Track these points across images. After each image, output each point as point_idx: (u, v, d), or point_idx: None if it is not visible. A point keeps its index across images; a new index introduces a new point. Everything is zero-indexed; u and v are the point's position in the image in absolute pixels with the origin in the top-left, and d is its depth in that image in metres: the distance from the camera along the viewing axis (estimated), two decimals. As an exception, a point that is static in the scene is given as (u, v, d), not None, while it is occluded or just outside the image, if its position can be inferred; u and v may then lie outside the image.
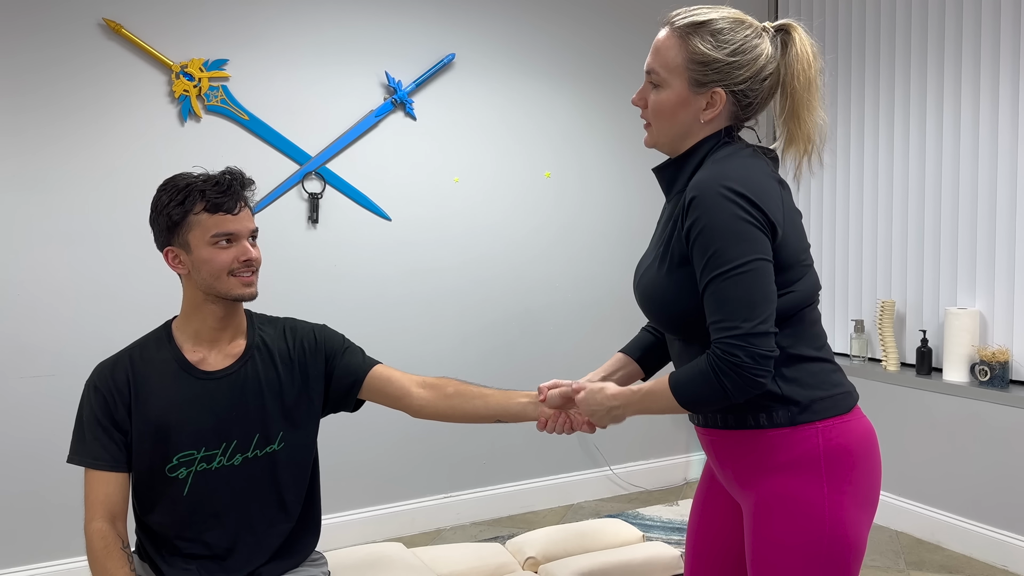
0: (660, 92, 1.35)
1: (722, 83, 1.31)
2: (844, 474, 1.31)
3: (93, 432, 1.54)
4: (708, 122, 1.34)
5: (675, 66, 1.32)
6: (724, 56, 1.30)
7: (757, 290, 1.22)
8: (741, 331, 1.21)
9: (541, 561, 2.15)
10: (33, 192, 2.74)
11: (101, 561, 1.48)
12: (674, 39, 1.33)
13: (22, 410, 2.74)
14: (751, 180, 1.27)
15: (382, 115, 3.21)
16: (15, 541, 2.75)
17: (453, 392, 1.66)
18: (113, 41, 2.81)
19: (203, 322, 1.59)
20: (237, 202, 1.55)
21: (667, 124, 1.36)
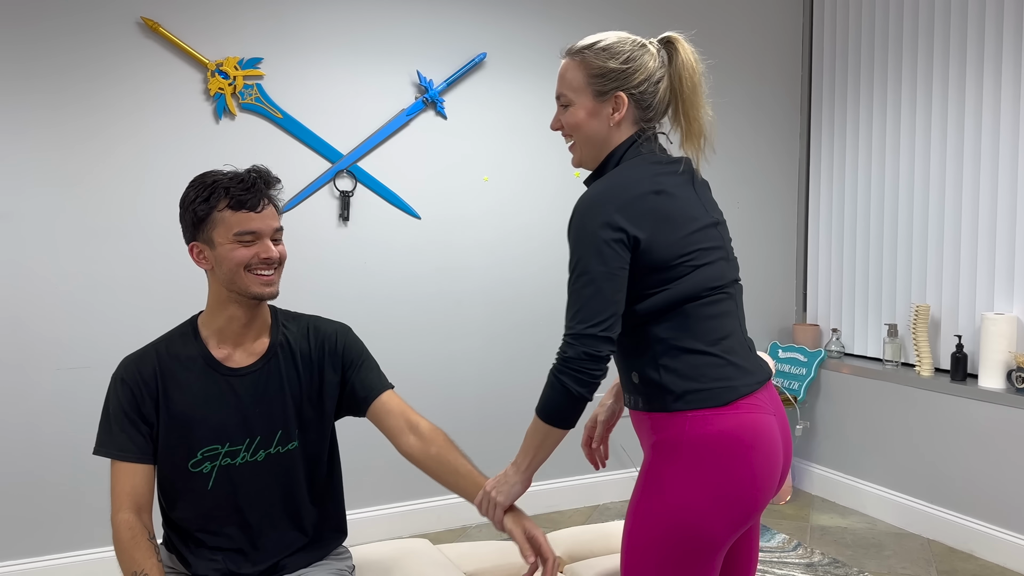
0: (571, 110, 1.52)
1: (621, 87, 1.48)
2: (701, 464, 1.38)
3: (120, 424, 1.56)
4: (617, 125, 1.50)
5: (578, 85, 1.50)
6: (618, 65, 1.48)
7: (594, 298, 1.38)
8: (575, 332, 1.39)
9: (566, 561, 2.15)
10: (71, 188, 2.79)
11: (128, 551, 1.50)
12: (573, 63, 1.51)
13: (58, 401, 2.80)
14: (617, 195, 1.41)
15: (413, 114, 3.23)
16: (51, 529, 2.80)
17: (435, 454, 1.64)
18: (151, 40, 2.86)
19: (228, 320, 1.61)
20: (260, 200, 1.55)
21: (584, 136, 1.52)
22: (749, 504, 1.39)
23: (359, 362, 1.70)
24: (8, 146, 2.71)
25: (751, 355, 1.48)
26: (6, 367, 2.74)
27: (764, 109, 3.91)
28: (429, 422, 1.67)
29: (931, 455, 3.23)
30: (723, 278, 1.46)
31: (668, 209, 1.43)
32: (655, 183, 1.44)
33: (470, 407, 3.41)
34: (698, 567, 1.39)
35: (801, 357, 3.79)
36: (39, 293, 2.77)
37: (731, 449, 1.38)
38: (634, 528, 1.43)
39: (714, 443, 1.38)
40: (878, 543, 3.22)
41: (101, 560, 2.84)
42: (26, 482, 2.77)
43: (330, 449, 1.73)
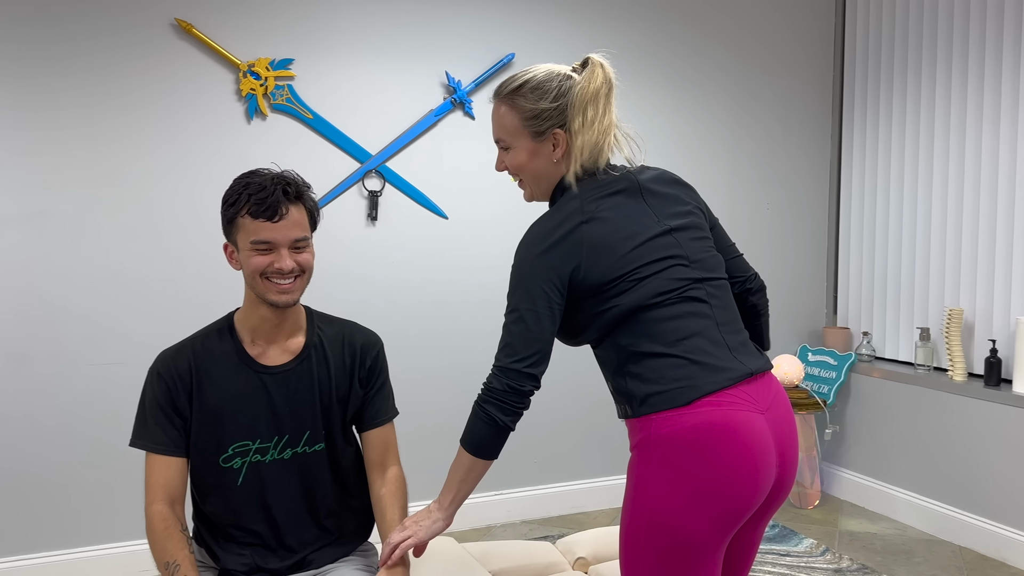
0: (512, 152, 1.54)
1: (557, 125, 1.50)
2: (669, 463, 1.39)
3: (155, 417, 1.59)
4: (560, 160, 1.52)
5: (514, 128, 1.52)
6: (548, 104, 1.49)
7: (521, 335, 1.44)
8: (501, 365, 1.45)
9: (591, 562, 2.14)
10: (105, 186, 2.84)
11: (161, 542, 1.52)
12: (505, 107, 1.53)
13: (92, 396, 2.85)
14: (548, 234, 1.45)
15: (441, 114, 3.25)
16: (84, 521, 2.86)
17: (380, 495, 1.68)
18: (184, 41, 2.90)
19: (260, 318, 1.63)
20: (278, 210, 1.53)
21: (530, 176, 1.54)
22: (728, 500, 1.37)
23: (378, 384, 1.73)
24: (44, 145, 2.77)
25: (726, 352, 1.45)
26: (42, 362, 2.79)
27: (795, 109, 3.88)
28: (398, 471, 1.72)
29: (963, 461, 3.18)
30: (678, 282, 1.47)
31: (599, 236, 1.46)
32: (584, 213, 1.47)
33: (496, 407, 3.41)
34: (689, 567, 1.39)
35: (831, 360, 3.75)
36: (74, 289, 2.82)
37: (697, 446, 1.38)
38: (624, 533, 1.45)
39: (677, 441, 1.39)
40: (908, 550, 3.17)
41: (133, 552, 2.89)
42: (60, 475, 2.82)
43: (357, 450, 1.75)
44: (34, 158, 2.76)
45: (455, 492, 1.53)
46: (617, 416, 1.61)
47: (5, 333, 2.75)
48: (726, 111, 3.73)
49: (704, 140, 3.70)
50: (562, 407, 3.52)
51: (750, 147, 3.81)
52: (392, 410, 1.74)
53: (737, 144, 3.77)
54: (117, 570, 2.87)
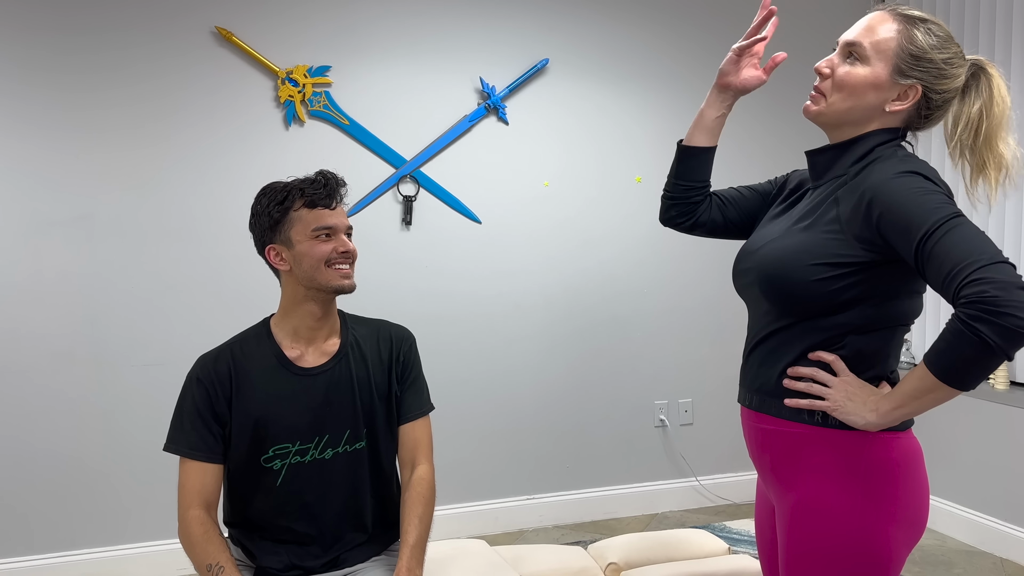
0: (857, 66, 1.32)
1: (923, 82, 1.30)
2: (883, 488, 1.29)
3: (192, 423, 1.61)
4: (890, 113, 1.32)
5: (886, 48, 1.30)
6: (938, 58, 1.30)
7: (974, 233, 1.16)
8: (977, 265, 1.10)
9: (623, 568, 2.14)
10: (147, 191, 2.91)
11: (202, 545, 1.55)
12: (895, 23, 1.31)
13: (131, 396, 2.91)
14: (932, 171, 1.28)
15: (475, 120, 3.27)
16: (123, 520, 2.91)
17: (404, 503, 1.67)
18: (224, 48, 2.96)
19: (301, 320, 1.66)
20: (333, 198, 1.64)
21: (849, 100, 1.33)
22: (922, 527, 1.34)
23: (412, 377, 1.75)
24: (89, 150, 2.84)
25: None
26: (83, 362, 2.86)
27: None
28: (425, 471, 1.69)
29: (1005, 471, 3.11)
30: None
31: None
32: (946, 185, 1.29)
33: (528, 410, 3.42)
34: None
35: (868, 368, 3.69)
36: (115, 291, 2.88)
37: (913, 473, 1.32)
38: (813, 559, 1.30)
39: (899, 467, 1.30)
40: (948, 560, 3.11)
41: (170, 551, 2.93)
42: (102, 474, 2.88)
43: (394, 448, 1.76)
44: (80, 163, 2.83)
45: (901, 404, 1.24)
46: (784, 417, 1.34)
47: (50, 333, 2.82)
48: (760, 115, 3.69)
49: (738, 144, 3.67)
50: (596, 412, 3.51)
51: (786, 150, 3.77)
52: (426, 405, 1.75)
53: (772, 148, 3.73)
54: (156, 568, 2.92)
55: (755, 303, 1.42)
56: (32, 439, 2.81)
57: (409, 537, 1.60)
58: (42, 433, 2.82)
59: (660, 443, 3.63)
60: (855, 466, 1.28)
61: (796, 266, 1.30)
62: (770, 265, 1.34)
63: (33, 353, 2.81)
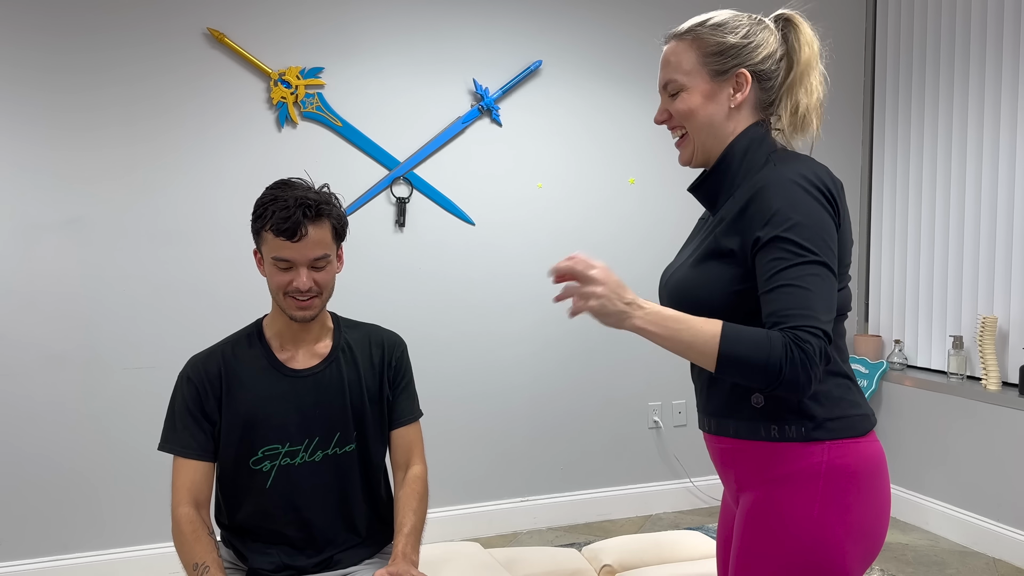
0: (683, 96, 1.34)
1: (743, 64, 1.32)
2: (840, 498, 1.26)
3: (184, 422, 1.62)
4: (738, 108, 1.33)
5: (691, 66, 1.33)
6: (738, 40, 1.31)
7: (829, 294, 1.20)
8: (820, 325, 1.17)
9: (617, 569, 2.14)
10: (139, 193, 2.90)
11: (190, 543, 1.54)
12: (682, 44, 1.34)
13: (125, 399, 2.90)
14: (826, 176, 1.27)
15: (469, 121, 3.26)
16: (115, 524, 2.90)
17: (399, 499, 1.67)
18: (216, 50, 2.95)
19: (286, 324, 1.66)
20: (297, 231, 1.54)
21: (700, 124, 1.34)
22: (880, 538, 1.31)
23: (403, 383, 1.75)
24: (81, 153, 2.83)
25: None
26: (75, 365, 2.84)
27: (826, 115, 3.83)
28: (420, 469, 1.70)
29: (998, 471, 3.12)
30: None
31: (844, 211, 1.30)
32: (833, 179, 1.28)
33: (521, 412, 3.42)
34: None
35: (863, 369, 3.70)
36: (108, 294, 2.87)
37: (873, 483, 1.28)
38: (760, 570, 1.28)
39: (858, 477, 1.27)
40: (941, 561, 3.12)
41: (162, 555, 2.92)
42: (93, 477, 2.87)
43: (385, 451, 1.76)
44: (72, 165, 2.82)
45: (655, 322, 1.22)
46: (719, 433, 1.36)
47: (41, 336, 2.81)
48: (755, 117, 3.70)
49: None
50: (589, 413, 3.52)
51: (779, 153, 3.78)
52: (417, 411, 1.76)
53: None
54: (147, 572, 2.91)
55: None
56: (24, 442, 2.80)
57: (404, 526, 1.61)
58: (34, 436, 2.81)
59: (654, 445, 3.63)
60: (813, 474, 1.26)
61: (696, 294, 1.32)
62: (678, 294, 1.37)
63: (25, 356, 2.79)
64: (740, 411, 1.32)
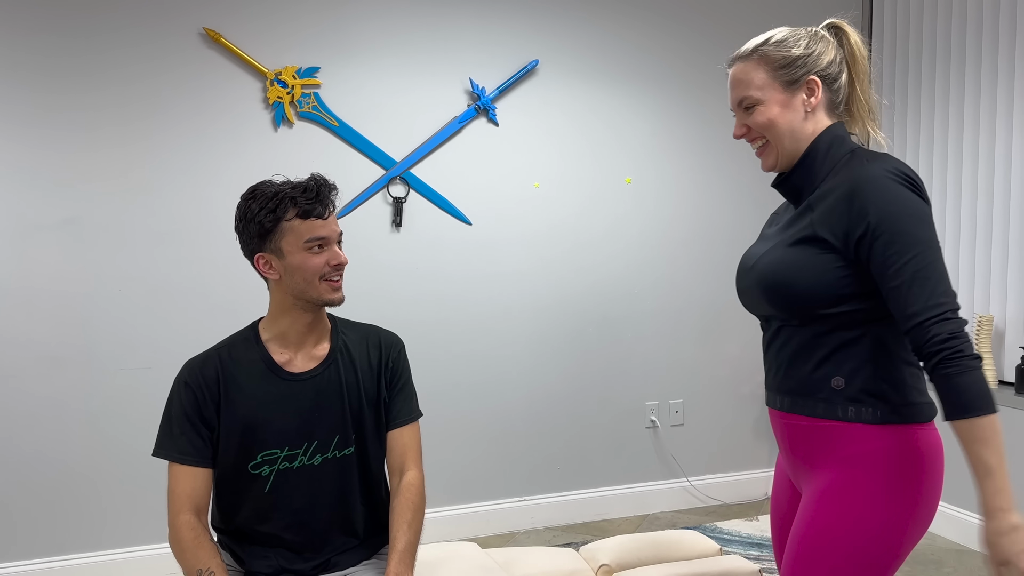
0: (759, 109, 1.44)
1: (812, 71, 1.42)
2: (908, 481, 1.34)
3: (181, 427, 1.60)
4: (813, 112, 1.43)
5: (763, 81, 1.43)
6: (801, 51, 1.42)
7: (944, 269, 1.28)
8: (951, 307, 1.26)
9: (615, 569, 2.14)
10: (136, 193, 2.89)
11: (193, 550, 1.53)
12: (750, 64, 1.45)
13: (120, 400, 2.89)
14: (908, 170, 1.34)
15: (465, 121, 3.26)
16: (110, 524, 2.90)
17: (393, 509, 1.65)
18: (212, 50, 2.95)
19: (290, 325, 1.64)
20: (327, 207, 1.60)
21: (780, 132, 1.44)
22: (929, 522, 1.37)
23: (400, 383, 1.73)
24: (77, 153, 2.82)
25: None
26: (72, 366, 2.84)
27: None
28: (414, 476, 1.68)
29: (994, 470, 3.13)
30: None
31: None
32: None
33: (519, 412, 3.42)
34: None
35: (858, 367, 3.70)
36: (104, 295, 2.87)
37: (935, 468, 1.35)
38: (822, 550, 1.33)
39: (925, 462, 1.34)
40: (937, 559, 3.12)
41: (158, 556, 2.92)
42: (90, 478, 2.87)
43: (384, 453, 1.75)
44: (68, 166, 2.81)
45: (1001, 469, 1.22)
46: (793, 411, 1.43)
47: (38, 338, 2.80)
48: (751, 116, 3.70)
49: (726, 145, 3.68)
50: (587, 413, 3.52)
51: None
52: (415, 411, 1.74)
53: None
54: (145, 573, 2.91)
55: (763, 314, 1.50)
56: (20, 443, 2.79)
57: (398, 543, 1.59)
58: (30, 438, 2.80)
59: (651, 444, 3.64)
60: (886, 456, 1.33)
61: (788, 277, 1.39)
62: (770, 274, 1.42)
63: (21, 357, 2.79)
64: (820, 391, 1.39)
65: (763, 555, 3.11)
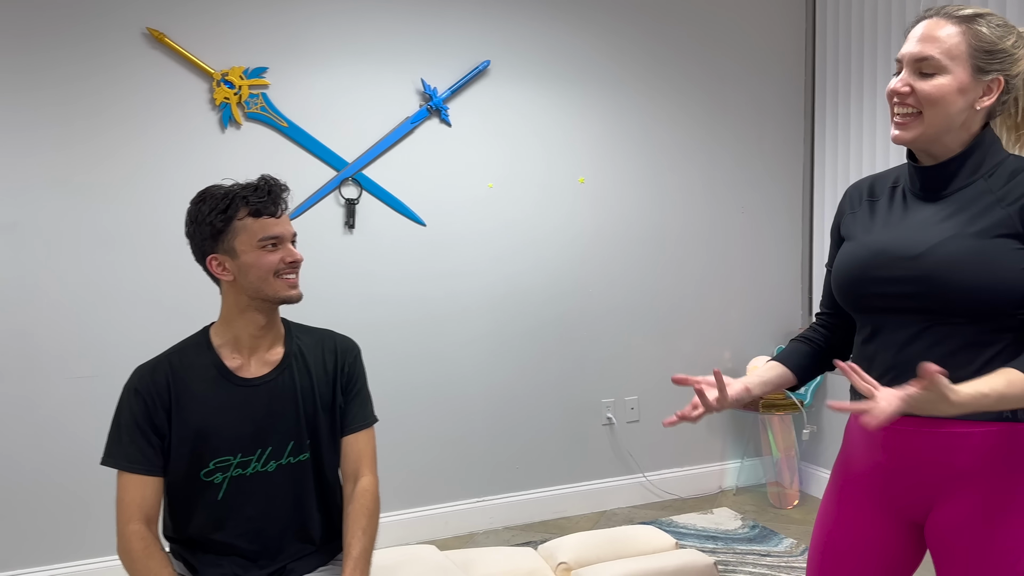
0: (938, 79, 1.31)
1: (1003, 72, 1.32)
2: None
3: (131, 435, 1.57)
4: (976, 112, 1.33)
5: (958, 53, 1.31)
6: (1008, 46, 1.32)
7: None
8: None
9: (573, 567, 2.15)
10: (79, 197, 2.82)
11: (143, 561, 1.50)
12: (957, 29, 1.31)
13: (66, 410, 2.81)
14: None
15: (417, 122, 3.25)
16: (56, 537, 2.82)
17: (347, 516, 1.64)
18: (156, 50, 2.88)
19: (244, 329, 1.62)
20: (279, 206, 1.59)
21: (943, 113, 1.32)
22: None
23: (356, 389, 1.72)
24: (14, 156, 2.74)
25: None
26: (14, 376, 2.75)
27: (768, 113, 3.92)
28: (368, 482, 1.66)
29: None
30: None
31: None
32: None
33: (476, 412, 3.42)
34: None
35: (807, 361, 3.78)
36: (47, 302, 2.79)
37: None
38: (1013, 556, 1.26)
39: None
40: (886, 547, 3.21)
41: (108, 569, 2.85)
42: (34, 490, 2.78)
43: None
44: (5, 170, 2.72)
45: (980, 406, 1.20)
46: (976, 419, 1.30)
47: (-23, 347, 2.71)
48: (699, 116, 3.76)
49: (678, 145, 3.73)
50: (544, 412, 3.53)
51: (724, 151, 3.84)
52: (370, 417, 1.73)
53: (711, 148, 3.80)
54: (94, 586, 2.84)
55: (905, 308, 1.36)
56: (-41, 457, 2.70)
57: (353, 550, 1.58)
58: (-30, 451, 2.71)
59: (607, 441, 3.67)
60: None
61: (993, 270, 1.28)
62: (962, 271, 1.29)
63: (-42, 368, 2.70)
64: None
65: (718, 548, 3.16)
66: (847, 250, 1.45)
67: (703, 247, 3.80)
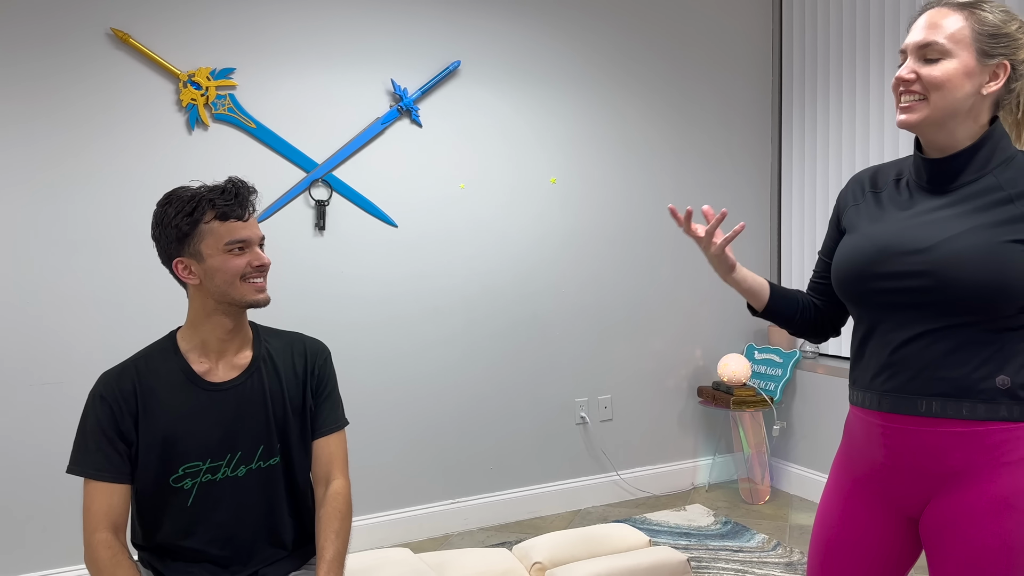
0: (942, 64, 1.32)
1: (1008, 57, 1.32)
2: None
3: (97, 443, 1.54)
4: (986, 96, 1.33)
5: (961, 37, 1.31)
6: (1012, 30, 1.32)
7: None
8: None
9: (548, 566, 2.15)
10: (42, 200, 2.76)
11: (110, 570, 1.48)
12: (960, 14, 1.33)
13: (31, 417, 2.76)
14: None
15: (388, 122, 3.23)
16: (21, 547, 2.76)
17: (319, 519, 1.63)
18: (121, 51, 2.84)
19: (211, 332, 1.60)
20: (246, 209, 1.57)
21: (949, 97, 1.32)
22: None
23: (327, 392, 1.71)
24: (-23, 160, 2.68)
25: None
26: (-23, 383, 2.70)
27: (736, 112, 3.95)
28: (340, 485, 1.65)
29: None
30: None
31: None
32: None
33: (449, 413, 3.41)
34: None
35: (776, 358, 3.82)
36: (7, 307, 2.73)
37: None
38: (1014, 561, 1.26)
39: None
40: (856, 541, 3.25)
41: (78, 577, 2.81)
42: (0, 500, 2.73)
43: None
44: (-36, 173, 2.67)
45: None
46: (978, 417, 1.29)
47: (-63, 355, 2.65)
48: (669, 115, 3.78)
49: (648, 144, 3.75)
50: (517, 412, 3.53)
51: (693, 150, 3.87)
52: (341, 419, 1.72)
53: (680, 148, 3.83)
54: (62, 596, 2.79)
55: (906, 304, 1.35)
56: (-80, 467, 2.64)
57: (326, 553, 1.57)
58: (-69, 460, 2.65)
59: (581, 440, 3.68)
60: None
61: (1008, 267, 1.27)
62: (963, 265, 1.29)
63: (-82, 375, 2.63)
64: (980, 392, 1.29)
65: (691, 544, 3.18)
66: (849, 243, 1.44)
67: (673, 246, 3.83)
